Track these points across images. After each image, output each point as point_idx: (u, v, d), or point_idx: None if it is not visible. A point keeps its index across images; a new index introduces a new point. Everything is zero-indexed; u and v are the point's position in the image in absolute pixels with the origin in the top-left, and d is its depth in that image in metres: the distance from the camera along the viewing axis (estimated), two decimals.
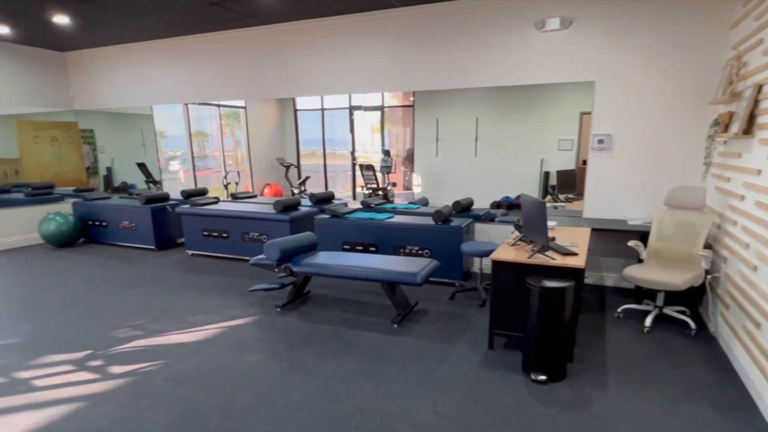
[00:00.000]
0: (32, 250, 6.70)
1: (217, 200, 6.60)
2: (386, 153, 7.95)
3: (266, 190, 9.07)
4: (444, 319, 3.98)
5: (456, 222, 4.93)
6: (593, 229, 4.37)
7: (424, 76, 5.26)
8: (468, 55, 5.00)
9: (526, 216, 3.41)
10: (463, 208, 5.42)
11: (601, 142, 4.66)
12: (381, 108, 8.54)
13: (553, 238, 3.53)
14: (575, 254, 3.18)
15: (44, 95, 7.36)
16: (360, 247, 5.25)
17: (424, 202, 6.27)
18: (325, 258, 4.26)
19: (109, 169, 8.59)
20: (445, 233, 4.84)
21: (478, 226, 5.33)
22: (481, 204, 5.80)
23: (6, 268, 5.82)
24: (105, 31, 6.06)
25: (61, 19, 5.42)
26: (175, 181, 8.44)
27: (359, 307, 4.29)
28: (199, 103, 7.41)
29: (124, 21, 5.54)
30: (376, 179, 7.56)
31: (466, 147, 6.24)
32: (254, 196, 7.37)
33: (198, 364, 3.18)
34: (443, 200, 6.34)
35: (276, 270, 4.27)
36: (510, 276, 3.18)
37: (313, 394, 2.79)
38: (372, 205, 5.93)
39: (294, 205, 5.89)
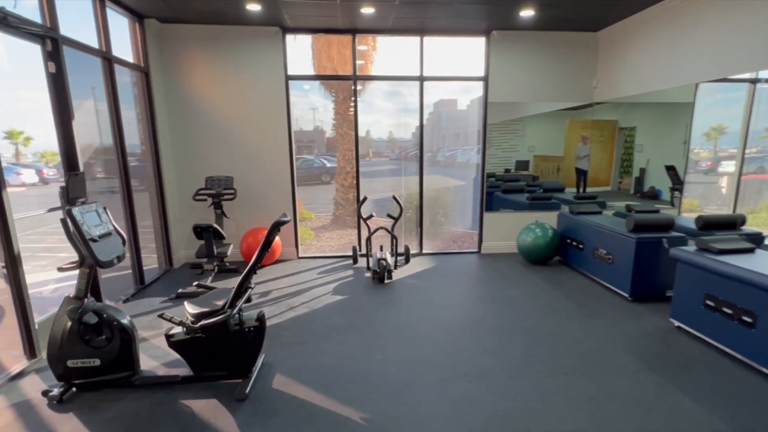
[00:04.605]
0: (507, 260, 6.09)
1: (753, 247, 3.65)
2: None
3: None
4: None
5: None
6: None
7: None
8: None
9: None
10: None
11: None
12: None
13: None
14: None
15: (569, 88, 6.40)
16: None
17: None
18: None
19: (642, 171, 7.03)
20: None
21: None
22: None
23: (473, 276, 5.42)
24: None
25: None
26: (712, 188, 5.76)
27: None
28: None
29: None
30: None
31: None
32: None
33: None
34: None
35: None
36: None
37: None
38: None
39: None
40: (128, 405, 2.67)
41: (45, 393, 2.69)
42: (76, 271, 2.74)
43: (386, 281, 5.14)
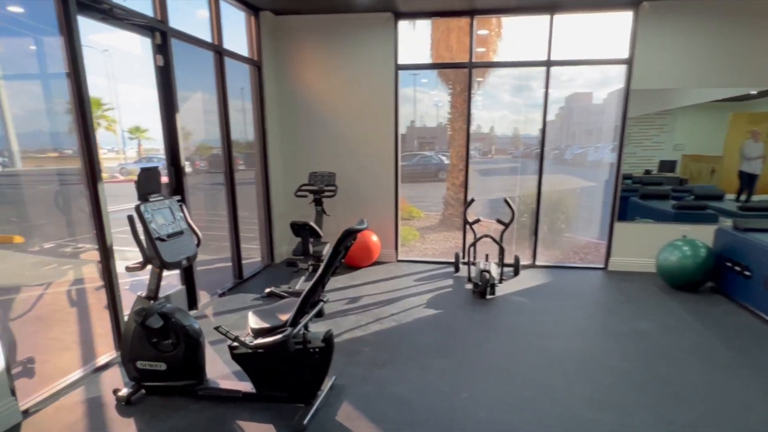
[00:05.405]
0: (641, 281, 5.05)
1: None
2: None
3: None
4: None
5: None
6: None
7: None
8: None
9: None
10: None
11: None
12: None
13: None
14: None
15: (743, 70, 5.01)
16: None
17: None
18: None
19: None
20: None
21: None
22: None
23: (595, 298, 4.59)
24: None
25: None
26: None
27: None
28: None
29: None
30: None
31: None
32: None
33: None
34: None
35: None
36: None
37: None
38: None
39: None
40: (186, 417, 2.54)
41: (115, 392, 2.68)
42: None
43: (488, 296, 4.54)
